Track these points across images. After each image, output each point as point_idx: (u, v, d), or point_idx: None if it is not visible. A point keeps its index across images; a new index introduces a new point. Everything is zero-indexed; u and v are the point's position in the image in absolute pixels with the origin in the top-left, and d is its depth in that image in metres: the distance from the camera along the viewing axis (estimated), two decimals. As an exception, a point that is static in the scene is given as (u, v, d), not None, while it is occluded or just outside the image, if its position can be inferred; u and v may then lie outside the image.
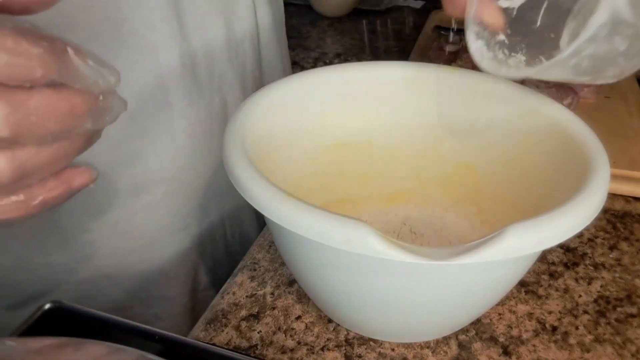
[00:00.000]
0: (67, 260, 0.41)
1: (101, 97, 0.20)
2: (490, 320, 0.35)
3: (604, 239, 0.42)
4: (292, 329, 0.35)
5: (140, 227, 0.43)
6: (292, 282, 0.38)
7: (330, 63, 0.72)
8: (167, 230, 0.44)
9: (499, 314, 0.36)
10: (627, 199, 0.47)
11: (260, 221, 0.55)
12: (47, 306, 0.28)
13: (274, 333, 0.34)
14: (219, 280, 0.51)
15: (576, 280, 0.38)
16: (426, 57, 0.66)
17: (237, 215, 0.51)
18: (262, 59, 0.49)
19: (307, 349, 0.33)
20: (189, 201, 0.45)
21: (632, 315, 0.36)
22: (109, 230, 0.41)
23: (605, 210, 0.45)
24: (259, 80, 0.50)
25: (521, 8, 0.34)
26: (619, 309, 0.36)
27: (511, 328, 0.35)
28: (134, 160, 0.40)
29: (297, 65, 0.73)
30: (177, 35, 0.38)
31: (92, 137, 0.22)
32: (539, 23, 0.34)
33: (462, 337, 0.34)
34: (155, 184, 0.42)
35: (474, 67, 0.57)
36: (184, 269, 0.47)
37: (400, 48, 0.76)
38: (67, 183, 0.22)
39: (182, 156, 0.42)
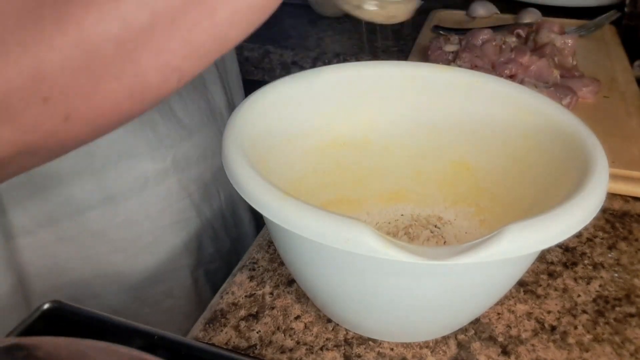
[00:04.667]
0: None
1: None
2: (489, 320, 0.35)
3: (602, 238, 0.42)
4: (291, 328, 0.35)
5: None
6: (291, 281, 0.38)
7: (330, 63, 0.72)
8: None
9: (498, 314, 0.36)
10: (626, 198, 0.47)
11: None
12: (46, 306, 0.28)
13: (273, 333, 0.34)
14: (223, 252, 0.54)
15: (575, 280, 0.38)
16: (426, 57, 0.66)
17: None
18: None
19: (306, 349, 0.33)
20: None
21: (631, 315, 0.36)
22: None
23: (604, 210, 0.45)
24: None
25: None
26: (617, 309, 0.36)
27: (510, 328, 0.35)
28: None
29: (296, 65, 0.73)
30: None
31: None
32: None
33: (461, 336, 0.34)
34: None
35: (473, 67, 0.58)
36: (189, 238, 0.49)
37: (399, 48, 0.76)
38: None
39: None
